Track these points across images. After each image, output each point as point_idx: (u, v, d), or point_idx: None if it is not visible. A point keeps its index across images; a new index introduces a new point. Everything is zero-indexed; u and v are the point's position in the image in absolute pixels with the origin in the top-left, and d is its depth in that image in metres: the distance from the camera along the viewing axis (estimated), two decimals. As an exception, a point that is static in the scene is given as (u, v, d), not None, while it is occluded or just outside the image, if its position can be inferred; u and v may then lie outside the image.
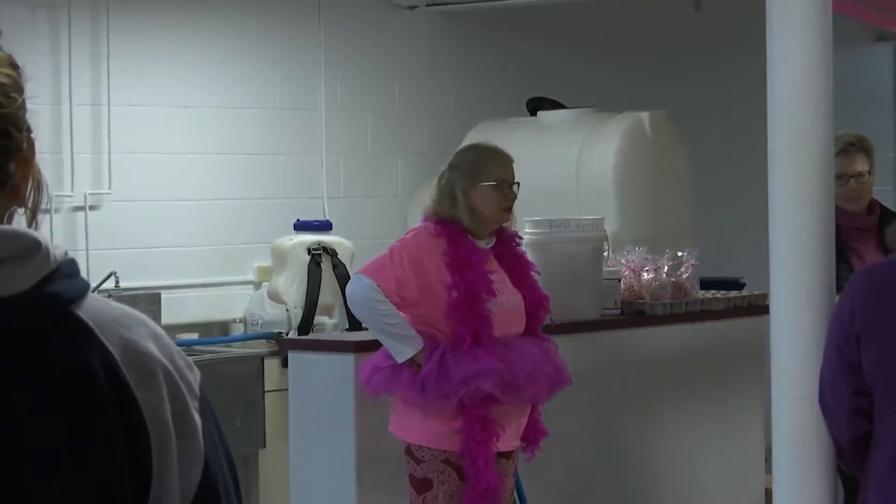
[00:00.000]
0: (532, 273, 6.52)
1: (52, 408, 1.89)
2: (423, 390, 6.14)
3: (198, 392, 1.99)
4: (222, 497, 2.00)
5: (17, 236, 1.91)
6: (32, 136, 2.01)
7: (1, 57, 1.97)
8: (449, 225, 6.24)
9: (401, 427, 6.33)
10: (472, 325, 6.15)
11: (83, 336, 1.92)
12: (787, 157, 4.92)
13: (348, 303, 6.45)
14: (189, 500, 1.95)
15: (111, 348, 1.92)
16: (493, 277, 6.23)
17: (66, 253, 1.96)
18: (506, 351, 6.22)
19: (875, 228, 6.69)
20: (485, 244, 6.30)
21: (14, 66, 1.99)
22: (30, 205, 2.02)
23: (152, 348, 1.96)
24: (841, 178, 6.54)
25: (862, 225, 6.49)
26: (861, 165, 6.31)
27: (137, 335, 1.96)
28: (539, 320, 6.45)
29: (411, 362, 6.15)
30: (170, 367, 1.96)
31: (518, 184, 6.35)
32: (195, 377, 2.01)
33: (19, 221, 2.00)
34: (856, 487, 4.86)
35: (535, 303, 6.42)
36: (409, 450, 6.27)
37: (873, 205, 6.86)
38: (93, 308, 1.95)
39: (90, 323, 1.92)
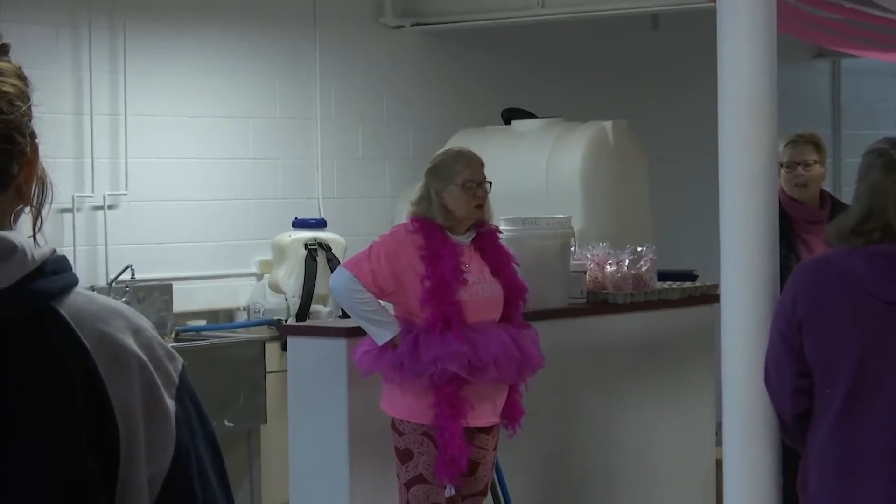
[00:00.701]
0: (512, 265, 6.52)
1: (24, 394, 1.88)
2: (400, 370, 6.18)
3: (176, 380, 1.97)
4: (194, 478, 1.97)
5: None
6: (37, 141, 1.99)
7: (9, 68, 1.95)
8: (425, 223, 6.27)
9: (386, 403, 6.37)
10: (444, 312, 6.17)
11: (59, 329, 1.90)
12: (735, 162, 4.92)
13: (332, 293, 6.48)
14: (160, 481, 1.93)
15: (86, 341, 1.90)
16: (469, 269, 6.25)
17: (54, 251, 1.95)
18: (475, 335, 6.22)
19: (826, 221, 6.67)
20: (463, 239, 6.31)
21: (21, 76, 1.97)
22: (35, 203, 2.00)
23: (128, 341, 1.94)
24: (789, 166, 6.54)
25: (814, 218, 6.48)
26: (809, 155, 6.30)
27: (115, 328, 1.94)
28: (517, 308, 6.47)
29: (392, 345, 6.18)
30: (145, 358, 1.93)
31: (490, 183, 6.36)
32: (175, 366, 1.98)
33: (25, 220, 1.99)
34: (794, 459, 4.86)
35: (512, 292, 6.44)
36: (393, 424, 6.31)
37: (825, 197, 6.84)
38: (74, 304, 1.93)
39: (67, 317, 1.90)
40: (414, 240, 6.24)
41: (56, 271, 1.93)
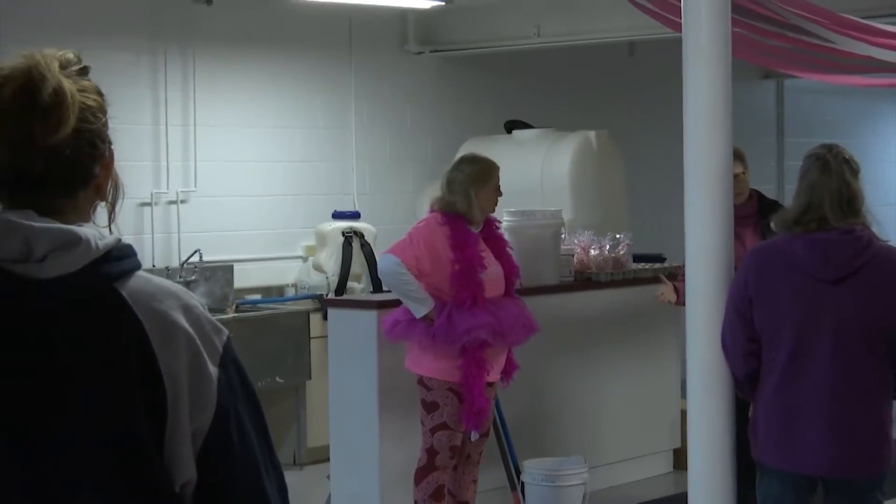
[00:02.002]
0: (507, 249, 6.54)
1: (87, 360, 1.88)
2: (434, 338, 6.20)
3: (220, 350, 1.96)
4: (233, 432, 1.95)
5: (61, 233, 1.88)
6: (112, 147, 1.99)
7: (91, 86, 1.95)
8: (450, 216, 6.27)
9: (415, 364, 6.36)
10: (471, 290, 6.21)
11: (118, 306, 1.90)
12: (698, 164, 4.91)
13: (378, 274, 6.50)
14: (203, 435, 1.92)
15: (140, 316, 1.90)
16: (482, 255, 6.28)
17: (119, 241, 1.93)
18: (495, 308, 6.29)
19: (754, 215, 6.64)
20: (475, 229, 6.33)
21: (100, 93, 1.97)
22: (109, 199, 2.00)
23: (178, 317, 1.93)
24: None
25: (744, 213, 6.44)
26: (737, 168, 6.26)
27: (167, 307, 1.93)
28: (512, 284, 6.50)
29: (425, 318, 6.19)
30: (192, 332, 1.93)
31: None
32: (220, 338, 1.97)
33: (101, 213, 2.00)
34: (746, 410, 4.86)
35: (510, 271, 6.47)
36: (421, 380, 6.32)
37: (752, 195, 6.82)
38: (133, 285, 1.92)
39: (126, 296, 1.90)
40: (444, 230, 6.25)
41: (119, 258, 1.93)
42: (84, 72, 1.97)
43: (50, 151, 1.90)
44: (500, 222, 6.65)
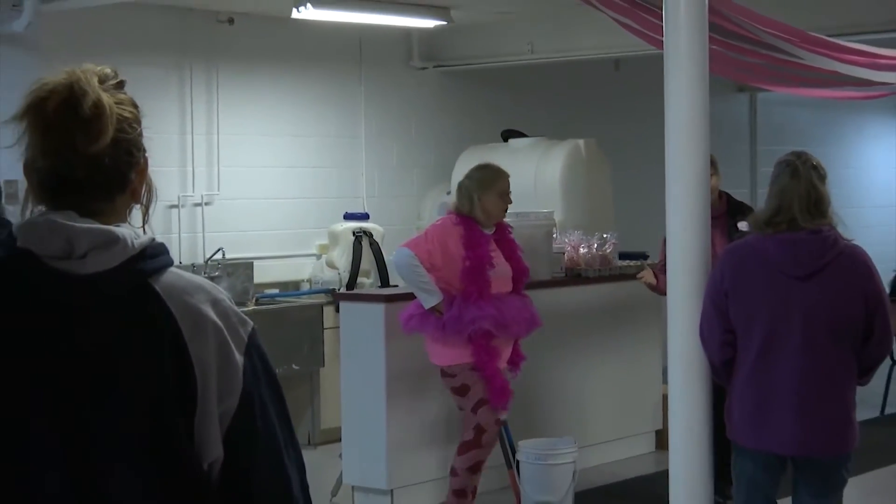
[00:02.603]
0: (518, 252, 6.57)
1: (126, 346, 1.89)
2: (444, 329, 6.22)
3: (246, 340, 1.97)
4: (256, 415, 1.96)
5: (100, 233, 1.89)
6: (146, 154, 2.00)
7: (126, 99, 1.97)
8: (465, 218, 6.30)
9: (435, 357, 6.39)
10: (478, 286, 6.25)
11: (152, 300, 1.91)
12: (678, 170, 4.91)
13: (394, 266, 6.50)
14: (230, 417, 1.93)
15: (173, 309, 1.91)
16: (492, 254, 6.32)
17: (153, 240, 1.95)
18: (500, 303, 6.32)
19: (723, 215, 6.64)
20: (488, 231, 6.36)
21: (134, 105, 1.99)
22: (143, 202, 2.01)
23: (207, 310, 1.94)
24: None
25: (713, 213, 6.44)
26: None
27: (197, 300, 1.94)
28: (521, 283, 6.53)
29: (433, 309, 6.20)
30: (220, 323, 1.94)
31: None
32: (246, 329, 1.98)
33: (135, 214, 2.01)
34: (722, 394, 4.86)
35: (519, 271, 6.51)
36: (443, 372, 6.36)
37: (722, 196, 6.82)
38: (166, 280, 1.94)
39: (160, 291, 1.91)
40: (457, 230, 6.27)
41: (153, 255, 1.94)
42: (120, 86, 1.98)
43: (90, 159, 1.91)
44: (511, 227, 6.63)
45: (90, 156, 1.90)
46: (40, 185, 1.94)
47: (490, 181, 6.35)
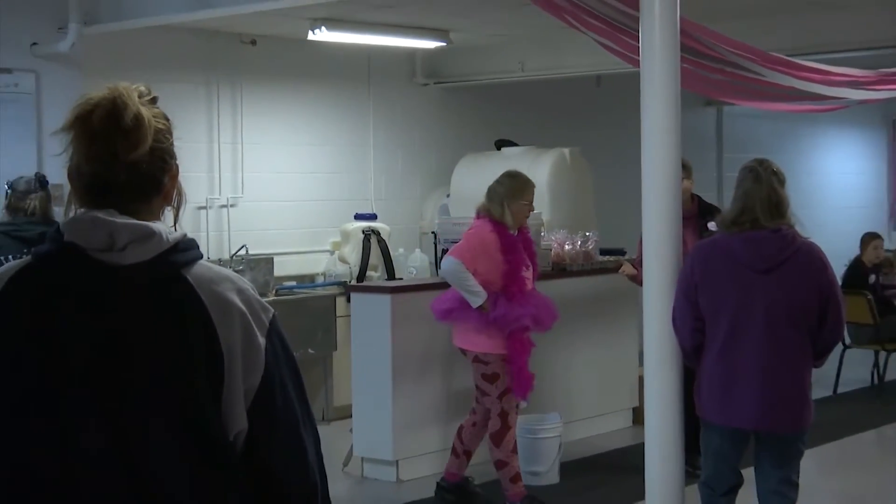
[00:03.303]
0: (534, 251, 6.54)
1: (160, 327, 1.90)
2: (491, 323, 6.17)
3: (267, 325, 1.98)
4: (276, 392, 1.97)
5: (138, 228, 1.92)
6: (177, 162, 2.02)
7: (159, 112, 1.99)
8: (496, 223, 6.23)
9: (470, 344, 6.30)
10: (518, 286, 6.21)
11: (185, 288, 1.92)
12: (653, 175, 4.90)
13: (443, 273, 6.36)
14: (252, 394, 1.94)
15: (203, 297, 1.92)
16: (524, 257, 6.31)
17: (185, 235, 1.97)
18: (534, 301, 6.31)
19: (695, 216, 6.63)
20: (514, 233, 6.30)
21: (167, 118, 2.01)
22: (175, 204, 2.03)
23: (233, 297, 1.95)
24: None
25: (686, 214, 6.43)
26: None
27: (224, 289, 1.95)
28: (534, 281, 6.44)
29: (480, 307, 6.15)
30: (244, 309, 1.95)
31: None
32: (267, 315, 1.99)
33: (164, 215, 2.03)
34: (692, 376, 4.86)
35: (535, 271, 6.47)
36: (476, 358, 6.29)
37: (693, 199, 6.81)
38: (196, 271, 1.95)
39: (191, 280, 1.93)
40: (493, 237, 6.19)
41: (185, 249, 1.96)
42: (154, 101, 2.00)
43: (130, 165, 1.93)
44: (528, 228, 6.53)
45: (130, 162, 1.93)
46: (84, 188, 1.95)
47: (520, 191, 6.28)
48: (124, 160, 1.92)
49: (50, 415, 1.86)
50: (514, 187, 6.29)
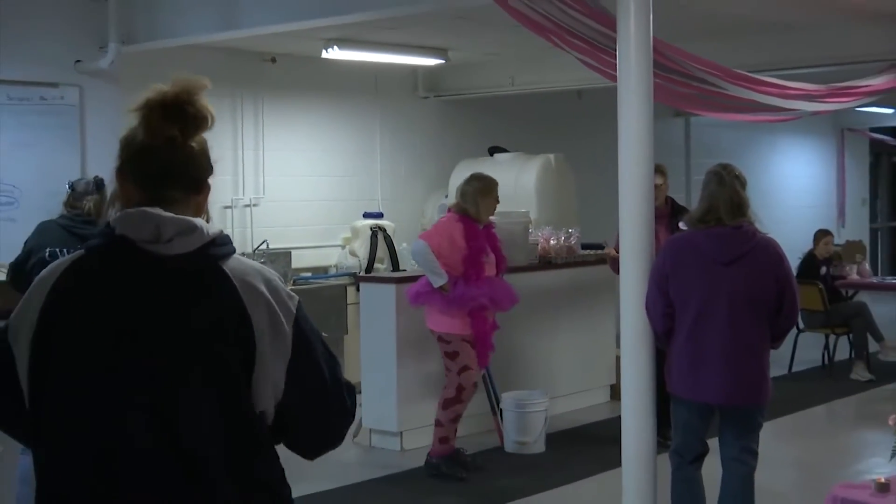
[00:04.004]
0: (499, 244, 6.54)
1: (201, 313, 1.91)
2: (450, 304, 6.23)
3: (293, 311, 1.99)
4: (304, 370, 1.98)
5: (183, 222, 1.92)
6: (212, 176, 2.05)
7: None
8: (464, 216, 6.29)
9: (435, 324, 6.36)
10: (476, 269, 6.24)
11: (221, 278, 1.93)
12: (629, 178, 4.90)
13: (412, 253, 6.48)
14: (283, 372, 1.95)
15: (237, 285, 1.93)
16: (486, 246, 6.32)
17: (221, 231, 1.97)
18: (492, 283, 6.33)
19: (667, 216, 6.63)
20: (480, 227, 6.32)
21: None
22: (206, 209, 2.05)
23: (261, 287, 1.95)
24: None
25: (660, 213, 6.43)
26: (658, 180, 6.23)
27: (253, 279, 1.96)
28: (501, 269, 6.49)
29: (441, 288, 6.20)
30: (271, 299, 1.95)
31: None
32: (293, 302, 2.00)
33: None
34: (663, 356, 4.87)
35: (500, 259, 6.47)
36: (440, 337, 6.34)
37: (667, 201, 6.81)
38: (231, 263, 1.96)
39: (227, 271, 1.94)
40: (459, 226, 6.26)
41: (222, 243, 1.97)
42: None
43: (187, 151, 1.95)
44: (494, 224, 6.60)
45: (188, 147, 1.95)
46: (141, 174, 1.95)
47: (489, 189, 6.35)
48: (184, 144, 1.94)
49: (107, 384, 1.87)
50: (483, 187, 6.35)
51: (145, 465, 1.85)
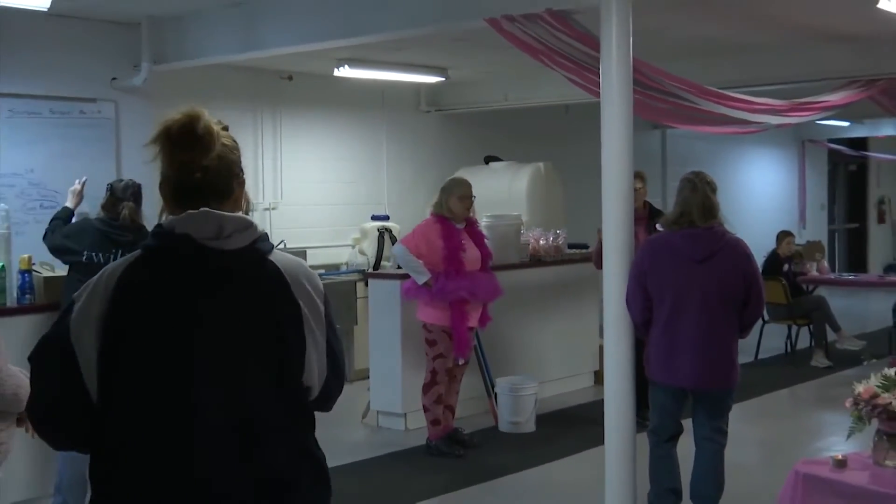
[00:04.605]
0: (484, 240, 6.47)
1: (258, 299, 1.96)
2: (433, 297, 6.17)
3: (324, 296, 2.05)
4: (333, 341, 2.06)
5: (240, 220, 1.98)
6: (244, 176, 2.07)
7: (228, 134, 2.04)
8: (441, 217, 6.24)
9: (421, 314, 6.32)
10: (454, 265, 6.17)
11: (273, 268, 1.98)
12: (611, 184, 4.90)
13: (394, 256, 6.45)
14: (324, 353, 2.02)
15: (286, 275, 1.98)
16: (463, 243, 6.24)
17: (264, 231, 2.02)
18: (472, 277, 6.24)
19: (646, 218, 6.63)
20: (459, 226, 6.27)
21: (234, 141, 2.05)
22: (244, 209, 2.06)
23: (302, 277, 2.01)
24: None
25: (639, 216, 6.42)
26: (637, 184, 6.22)
27: (296, 270, 2.01)
28: (487, 263, 6.40)
29: (425, 284, 6.17)
30: (309, 288, 2.01)
31: (475, 197, 6.33)
32: (322, 291, 2.05)
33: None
34: (641, 345, 4.87)
35: (485, 255, 6.40)
36: (424, 325, 6.30)
37: (645, 205, 6.80)
38: (277, 256, 2.01)
39: (275, 262, 1.99)
40: (436, 227, 6.20)
41: (265, 239, 2.02)
42: (225, 128, 2.05)
43: (204, 169, 1.97)
44: (478, 222, 6.55)
45: (203, 167, 1.96)
46: (172, 192, 2.00)
47: (451, 188, 6.26)
48: (199, 163, 1.96)
49: (180, 365, 1.90)
50: (448, 186, 6.29)
51: (215, 436, 1.88)
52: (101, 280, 1.95)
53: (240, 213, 1.99)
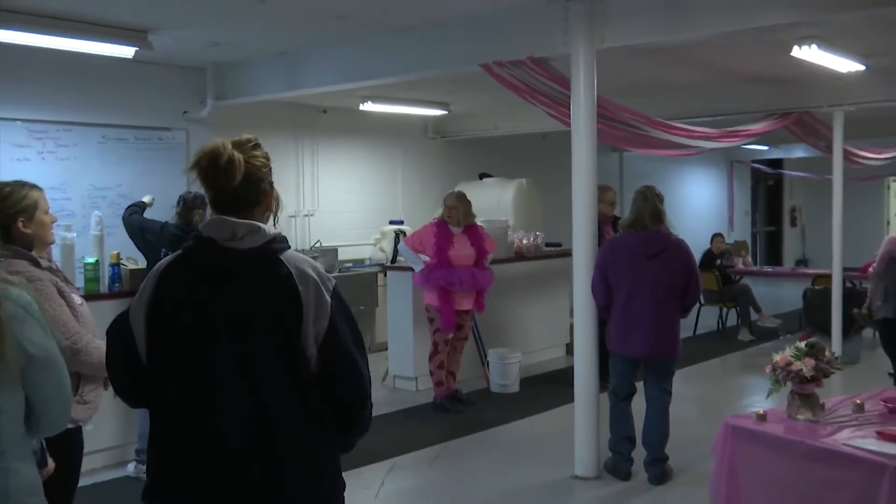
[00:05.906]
0: (484, 240, 6.33)
1: (267, 290, 1.90)
2: (424, 284, 6.16)
3: (332, 289, 1.94)
4: (339, 332, 1.93)
5: (251, 225, 1.92)
6: (272, 184, 1.99)
7: (260, 153, 1.97)
8: (440, 222, 6.23)
9: (426, 298, 6.29)
10: (442, 260, 6.12)
11: (281, 266, 1.92)
12: (579, 196, 4.89)
13: (399, 250, 6.44)
14: (324, 331, 1.91)
15: (292, 271, 1.91)
16: (454, 243, 6.15)
17: (280, 233, 1.95)
18: (455, 270, 6.12)
19: (611, 222, 6.63)
20: (456, 229, 6.21)
21: (266, 156, 1.99)
22: (273, 209, 2.00)
23: (310, 272, 1.93)
24: (601, 201, 6.45)
25: (606, 220, 6.41)
26: (615, 199, 6.16)
27: (304, 267, 1.94)
28: (482, 259, 6.30)
29: (421, 272, 6.14)
30: (317, 280, 1.92)
31: (460, 208, 6.19)
32: (331, 283, 1.96)
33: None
34: (603, 324, 4.86)
35: (480, 253, 6.29)
36: (426, 307, 6.27)
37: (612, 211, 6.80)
38: (287, 255, 1.94)
39: (285, 261, 1.92)
40: (433, 229, 6.19)
41: (280, 241, 1.96)
42: (257, 146, 1.97)
43: (229, 192, 1.93)
44: (479, 226, 6.44)
45: (229, 190, 1.92)
46: (211, 206, 1.97)
47: (444, 201, 6.29)
48: (224, 188, 1.92)
49: (204, 339, 1.88)
50: (444, 199, 6.30)
51: (233, 396, 1.85)
52: (153, 272, 1.97)
53: (249, 220, 1.92)
